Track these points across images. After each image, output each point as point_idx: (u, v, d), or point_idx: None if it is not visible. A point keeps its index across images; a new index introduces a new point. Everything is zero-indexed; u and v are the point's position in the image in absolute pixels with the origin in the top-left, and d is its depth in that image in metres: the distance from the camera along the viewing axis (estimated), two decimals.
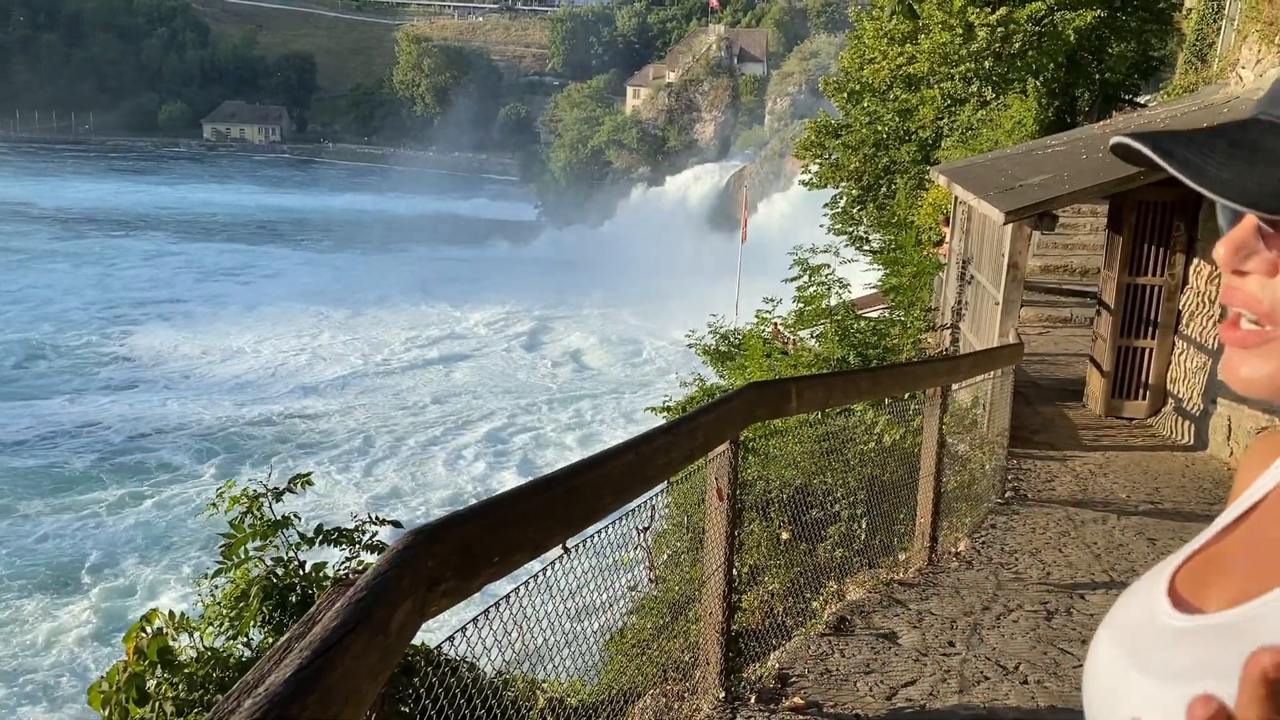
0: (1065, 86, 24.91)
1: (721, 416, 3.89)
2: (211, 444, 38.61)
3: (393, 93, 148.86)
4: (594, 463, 2.81)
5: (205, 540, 29.65)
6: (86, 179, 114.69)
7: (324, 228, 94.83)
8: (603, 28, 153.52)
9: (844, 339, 12.73)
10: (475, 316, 62.33)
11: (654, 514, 3.56)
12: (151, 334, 55.15)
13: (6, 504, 32.31)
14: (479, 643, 2.64)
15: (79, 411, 41.48)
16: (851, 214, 27.09)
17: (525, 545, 2.40)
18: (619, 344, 57.97)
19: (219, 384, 46.98)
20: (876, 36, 25.51)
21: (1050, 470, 9.70)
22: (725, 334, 18.32)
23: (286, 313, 60.07)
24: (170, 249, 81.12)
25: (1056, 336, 16.50)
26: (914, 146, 24.87)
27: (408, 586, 1.83)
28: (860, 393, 5.91)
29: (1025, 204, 9.62)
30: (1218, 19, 21.86)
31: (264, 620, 6.03)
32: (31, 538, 30.36)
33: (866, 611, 5.92)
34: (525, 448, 40.00)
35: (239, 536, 6.15)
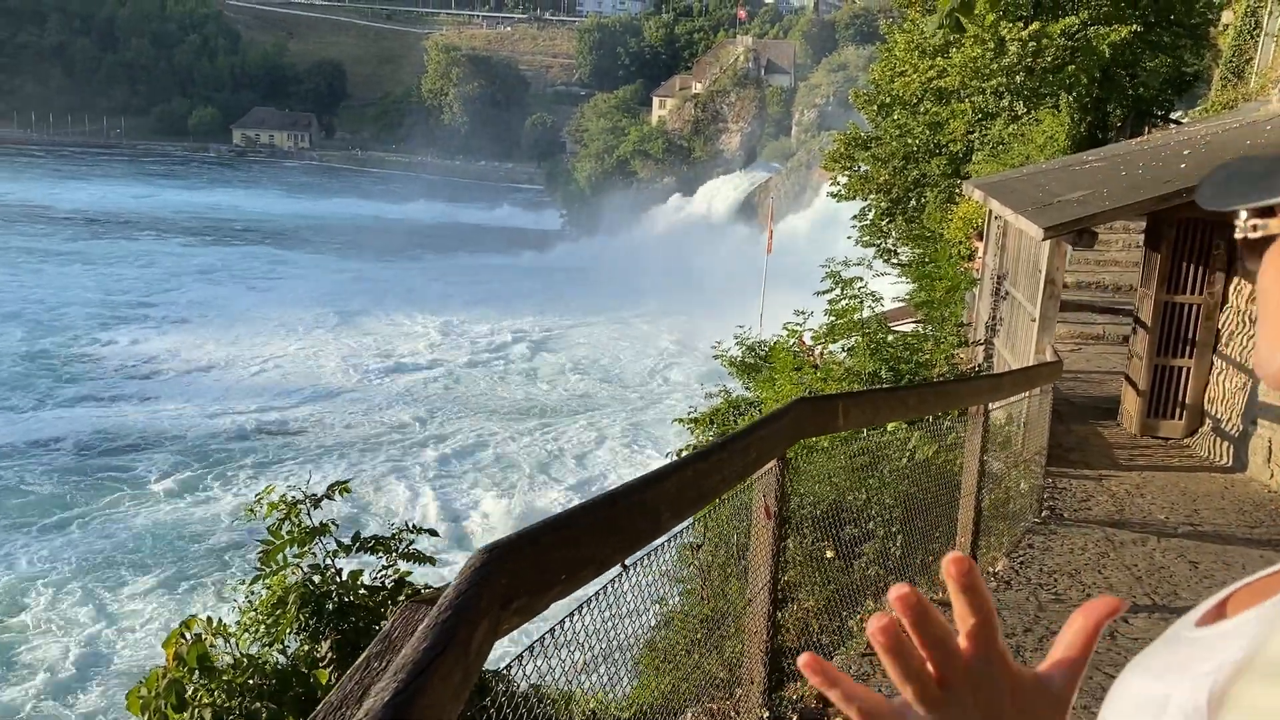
0: (1098, 102, 24.75)
1: (772, 433, 3.85)
2: (194, 453, 38.35)
3: (421, 101, 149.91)
4: (653, 479, 2.78)
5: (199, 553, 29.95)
6: (113, 182, 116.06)
7: (348, 234, 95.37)
8: (630, 38, 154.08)
9: (875, 353, 12.64)
10: (497, 324, 62.44)
11: (705, 532, 3.53)
12: (155, 336, 55.60)
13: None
14: (521, 659, 2.62)
15: (35, 425, 41.31)
16: (880, 226, 26.99)
17: (591, 563, 2.37)
18: (643, 354, 57.96)
19: (206, 389, 46.92)
20: (908, 49, 25.43)
21: (1086, 490, 9.59)
22: (752, 346, 18.26)
23: (298, 319, 60.27)
24: (185, 252, 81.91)
25: (1089, 353, 16.34)
26: (944, 160, 24.76)
27: (485, 605, 1.81)
28: (907, 410, 5.86)
29: (1065, 220, 9.54)
30: (1255, 35, 21.68)
31: (300, 628, 6.03)
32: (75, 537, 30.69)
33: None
34: (544, 458, 39.99)
35: (277, 543, 6.16)
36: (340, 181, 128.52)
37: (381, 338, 57.97)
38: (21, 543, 30.09)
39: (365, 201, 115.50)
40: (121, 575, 28.43)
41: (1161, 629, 3.58)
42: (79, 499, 33.62)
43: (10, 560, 28.97)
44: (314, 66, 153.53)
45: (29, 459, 36.73)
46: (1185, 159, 11.15)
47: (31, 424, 40.44)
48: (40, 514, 32.21)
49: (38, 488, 34.26)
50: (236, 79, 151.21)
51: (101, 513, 32.67)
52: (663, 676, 5.20)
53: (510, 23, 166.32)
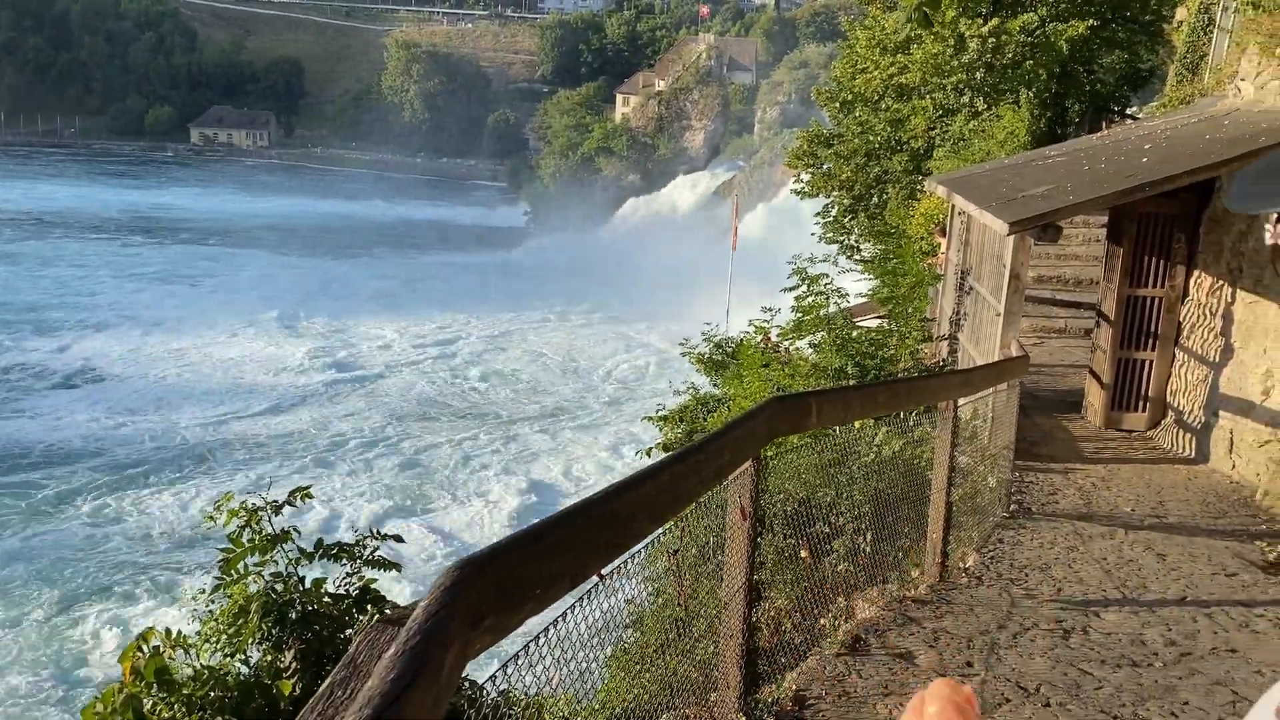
0: (1057, 97, 24.95)
1: (746, 433, 3.78)
2: (131, 462, 37.62)
3: (381, 99, 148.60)
4: (627, 486, 2.69)
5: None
6: (65, 182, 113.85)
7: (305, 234, 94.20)
8: (592, 35, 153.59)
9: (841, 349, 12.64)
10: (459, 325, 61.92)
11: (683, 537, 3.45)
12: (88, 339, 54.39)
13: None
14: (494, 678, 2.53)
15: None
16: (843, 223, 27.08)
17: (565, 575, 2.28)
18: (610, 352, 57.80)
19: (141, 394, 45.99)
20: (869, 46, 25.51)
21: (1053, 483, 9.62)
22: (719, 343, 18.24)
23: (244, 321, 59.17)
24: (137, 253, 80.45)
25: (1052, 347, 16.45)
26: (906, 156, 24.88)
27: (456, 627, 1.71)
28: (878, 407, 5.82)
29: (1029, 215, 9.56)
30: (1209, 30, 21.96)
31: (263, 637, 5.88)
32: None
33: (881, 630, 5.81)
34: (509, 461, 39.66)
35: (238, 551, 6.00)
36: (299, 180, 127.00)
37: (334, 340, 57.05)
38: None
39: (324, 200, 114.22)
40: (70, 590, 27.79)
41: (1132, 623, 3.55)
42: (12, 512, 32.89)
43: None
44: (272, 64, 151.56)
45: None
46: (1146, 153, 11.23)
47: None
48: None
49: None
50: (193, 77, 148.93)
51: (44, 525, 31.98)
52: (634, 679, 5.12)
53: (471, 19, 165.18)
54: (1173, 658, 5.60)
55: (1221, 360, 10.43)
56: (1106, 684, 5.21)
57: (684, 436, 15.83)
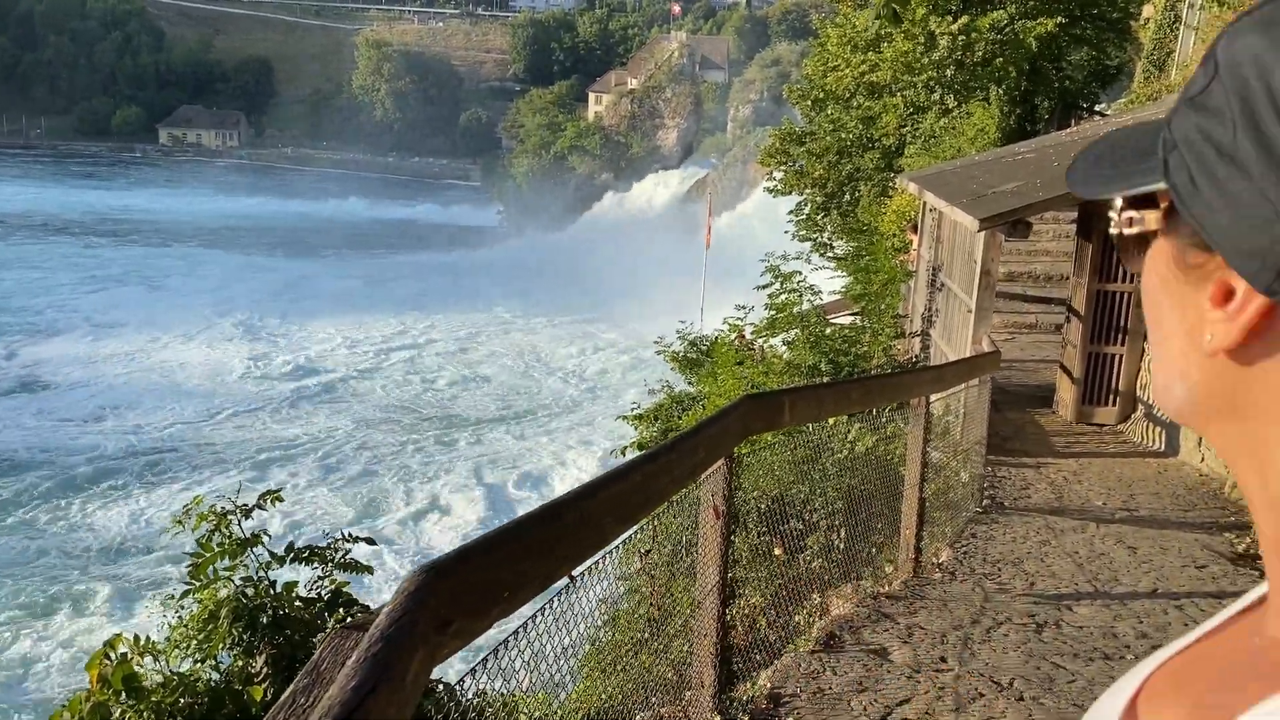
0: (1026, 94, 25.15)
1: (719, 432, 3.77)
2: (88, 467, 37.16)
3: (353, 98, 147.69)
4: (598, 486, 2.67)
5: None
6: (29, 183, 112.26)
7: (275, 234, 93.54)
8: (564, 34, 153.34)
9: (815, 346, 12.67)
10: (430, 325, 61.61)
11: (654, 537, 3.43)
12: (41, 343, 53.66)
13: None
14: (462, 682, 2.50)
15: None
16: (816, 221, 27.17)
17: (535, 578, 2.26)
18: (585, 350, 57.74)
19: (100, 398, 45.40)
20: (840, 44, 25.61)
21: (1025, 478, 9.68)
22: (694, 341, 18.24)
23: (205, 322, 58.63)
24: (96, 254, 79.46)
25: (1023, 342, 16.56)
26: (877, 154, 24.99)
27: (421, 631, 1.68)
28: (851, 404, 5.82)
29: (1000, 211, 9.62)
30: (1175, 28, 22.19)
31: (234, 642, 5.81)
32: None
33: (855, 626, 5.82)
34: (478, 461, 39.49)
35: (207, 556, 5.93)
36: (269, 180, 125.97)
37: (298, 342, 56.56)
38: None
39: (294, 200, 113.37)
40: (33, 596, 27.39)
41: (1104, 616, 3.55)
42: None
43: None
44: (242, 64, 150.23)
45: None
46: None
47: None
48: None
49: None
50: (161, 77, 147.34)
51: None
52: (608, 679, 5.09)
53: (442, 18, 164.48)
54: (1144, 650, 5.64)
55: None
56: (1079, 677, 5.24)
57: (659, 435, 15.81)
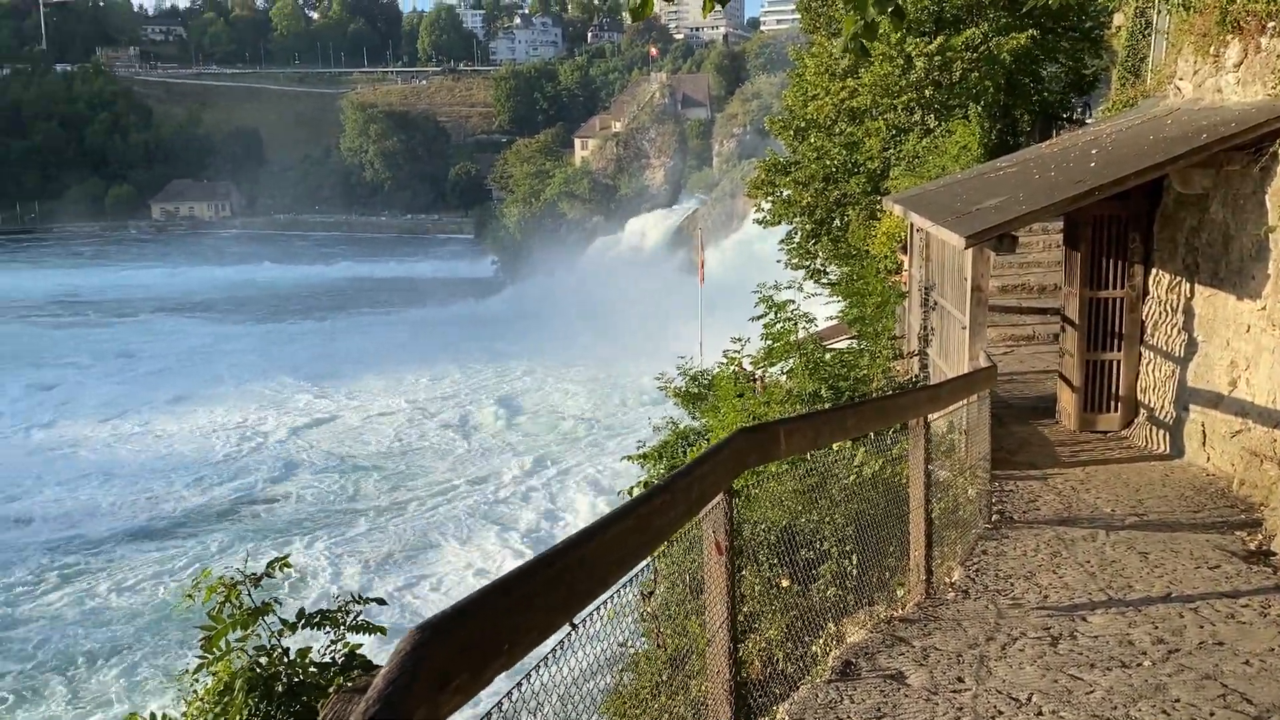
0: (1005, 109, 25.36)
1: (714, 467, 3.80)
2: (86, 539, 36.96)
3: (341, 160, 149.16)
4: (594, 532, 2.70)
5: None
6: (27, 268, 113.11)
7: (271, 300, 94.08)
8: (546, 83, 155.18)
9: (814, 373, 12.70)
10: (432, 380, 61.65)
11: (656, 578, 3.45)
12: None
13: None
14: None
15: None
16: (807, 248, 27.29)
17: (534, 629, 2.28)
18: (587, 393, 57.75)
19: (90, 472, 45.03)
20: (818, 73, 25.88)
21: (1033, 490, 9.67)
22: (695, 375, 18.29)
23: (206, 392, 58.59)
24: (91, 333, 79.69)
25: (1021, 354, 16.59)
26: (863, 178, 25.14)
27: (420, 690, 1.71)
28: (847, 431, 5.85)
29: (984, 227, 9.68)
30: (1147, 34, 22.42)
31: (250, 713, 5.80)
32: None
33: (870, 653, 5.80)
34: (486, 512, 39.33)
35: (219, 627, 5.93)
36: (265, 247, 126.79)
37: (301, 403, 56.70)
38: None
39: (288, 265, 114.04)
40: (47, 676, 27.24)
41: (1119, 624, 3.59)
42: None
43: None
44: (230, 135, 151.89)
45: None
46: (1094, 158, 11.43)
47: None
48: None
49: None
50: (151, 154, 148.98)
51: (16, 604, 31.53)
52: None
53: (425, 76, 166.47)
54: (1161, 655, 5.63)
55: (1186, 355, 10.56)
56: (1097, 687, 5.22)
57: (665, 473, 15.80)
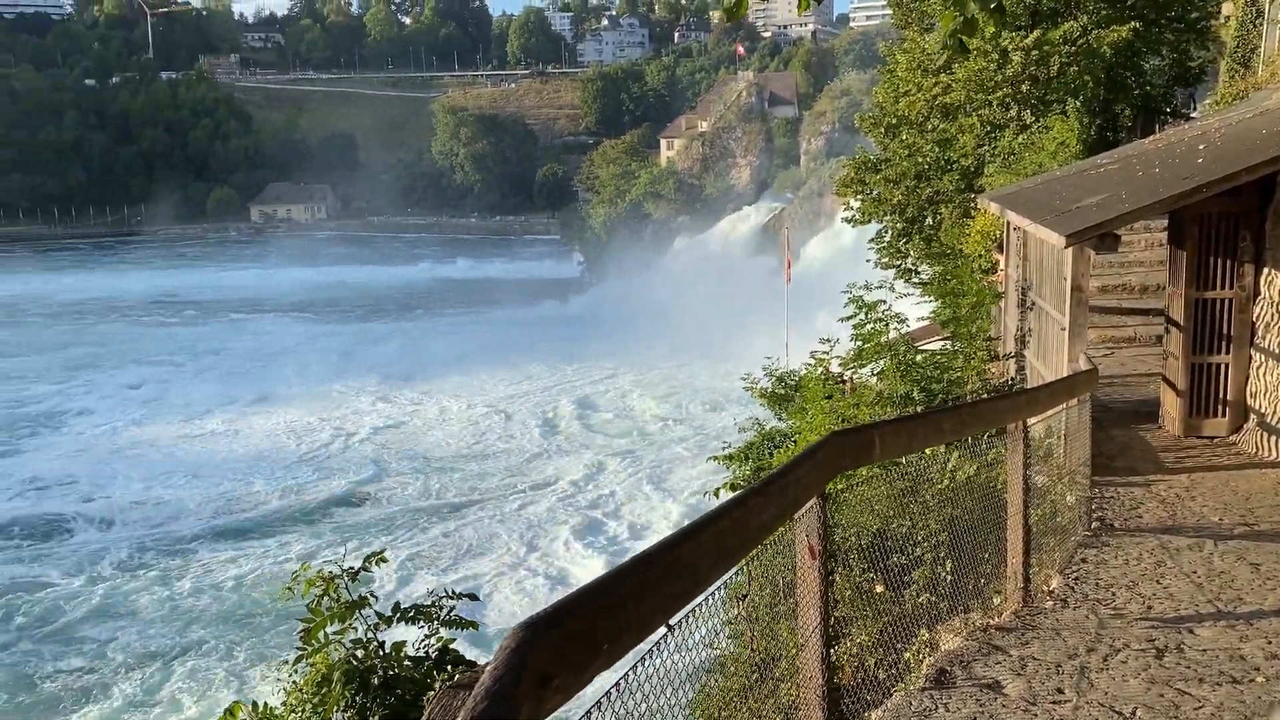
0: (1105, 104, 24.64)
1: (808, 471, 3.75)
2: (213, 530, 38.10)
3: (433, 163, 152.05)
4: (689, 533, 2.69)
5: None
6: (131, 269, 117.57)
7: (365, 301, 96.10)
8: (632, 84, 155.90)
9: (906, 374, 12.50)
10: (519, 379, 62.25)
11: (750, 581, 3.43)
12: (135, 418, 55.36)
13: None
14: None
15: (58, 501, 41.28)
16: (898, 247, 26.86)
17: (631, 629, 2.28)
18: (669, 394, 57.77)
19: (210, 464, 46.43)
20: (910, 69, 25.47)
21: (1135, 497, 9.36)
22: (781, 376, 18.17)
23: (297, 391, 59.72)
24: (192, 330, 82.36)
25: (1122, 357, 16.08)
26: (956, 175, 24.65)
27: (524, 689, 1.72)
28: (943, 434, 5.73)
29: (1085, 226, 9.41)
30: (1259, 23, 21.54)
31: (347, 705, 5.93)
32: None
33: (966, 661, 5.68)
34: (575, 512, 39.52)
35: (318, 620, 6.09)
36: (359, 249, 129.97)
37: (396, 402, 57.42)
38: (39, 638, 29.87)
39: (380, 266, 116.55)
40: (156, 661, 28.17)
41: (1229, 637, 3.45)
42: (114, 579, 33.63)
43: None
44: (326, 139, 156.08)
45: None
46: (1201, 153, 11.01)
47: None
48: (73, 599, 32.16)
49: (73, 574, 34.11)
50: (250, 158, 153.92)
51: (130, 595, 32.63)
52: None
53: (514, 79, 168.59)
54: (1275, 672, 5.39)
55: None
56: (1206, 703, 5.03)
57: (751, 474, 15.73)
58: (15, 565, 34.83)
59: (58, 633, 29.82)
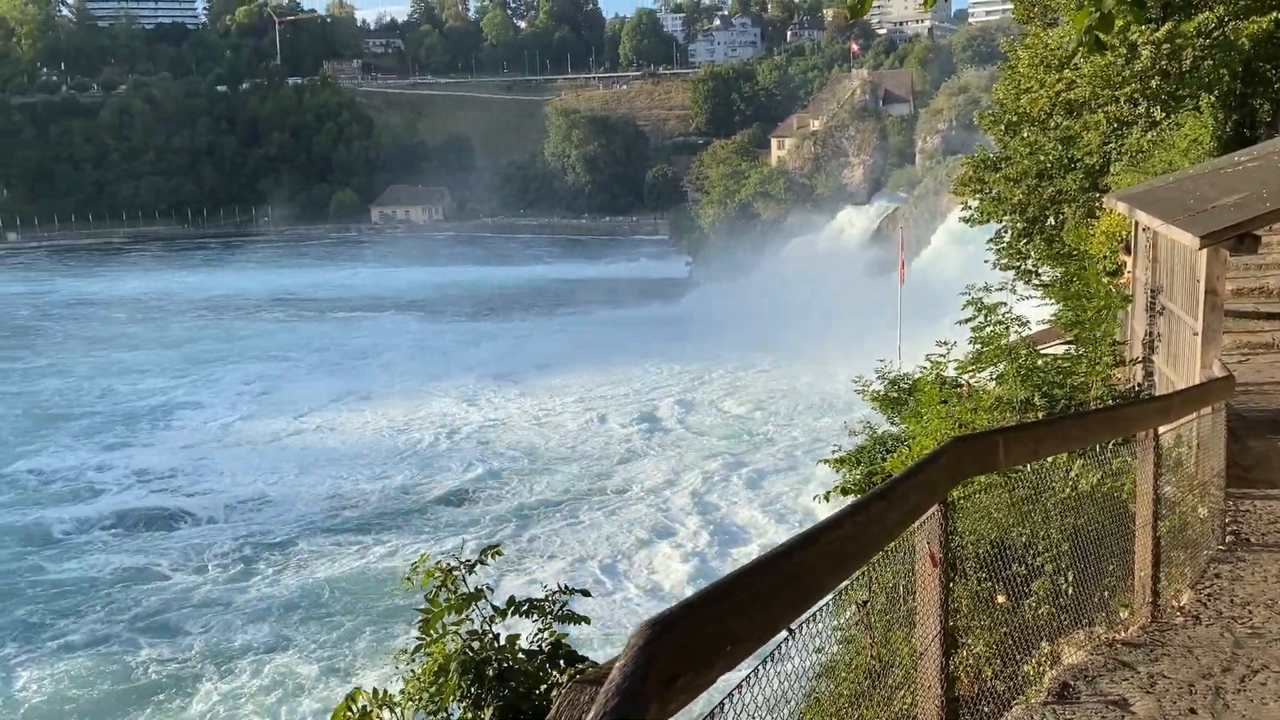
0: (1241, 99, 23.52)
1: (930, 477, 3.69)
2: (347, 521, 39.16)
3: (545, 165, 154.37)
4: (811, 538, 2.67)
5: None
6: (256, 268, 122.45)
7: (479, 300, 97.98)
8: (743, 83, 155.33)
9: (1026, 379, 12.15)
10: (629, 379, 62.51)
11: (871, 586, 3.39)
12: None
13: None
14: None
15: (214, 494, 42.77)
16: (1018, 248, 26.11)
17: (753, 632, 2.28)
18: (773, 396, 57.31)
19: (327, 457, 47.77)
20: (1032, 65, 24.76)
21: (1274, 511, 8.90)
22: (894, 379, 17.85)
23: (417, 388, 60.91)
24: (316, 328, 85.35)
25: (1259, 364, 15.28)
26: (1080, 174, 23.86)
27: (651, 688, 1.74)
28: (1071, 442, 5.56)
29: (1222, 226, 9.00)
30: None
31: (462, 695, 6.05)
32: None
33: (1090, 676, 5.49)
34: (685, 512, 39.49)
35: (436, 611, 6.23)
36: (473, 249, 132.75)
37: (488, 401, 58.11)
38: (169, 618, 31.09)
39: (494, 267, 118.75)
40: (253, 653, 28.94)
41: None
42: (248, 564, 34.94)
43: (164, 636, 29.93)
44: (444, 142, 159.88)
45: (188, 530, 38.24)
46: None
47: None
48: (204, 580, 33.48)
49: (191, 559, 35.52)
50: (371, 161, 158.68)
51: (260, 581, 33.80)
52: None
53: (626, 81, 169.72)
54: None
55: None
56: None
57: (862, 478, 15.51)
58: (123, 556, 36.14)
59: (162, 623, 30.76)
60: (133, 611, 31.40)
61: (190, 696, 26.63)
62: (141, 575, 34.35)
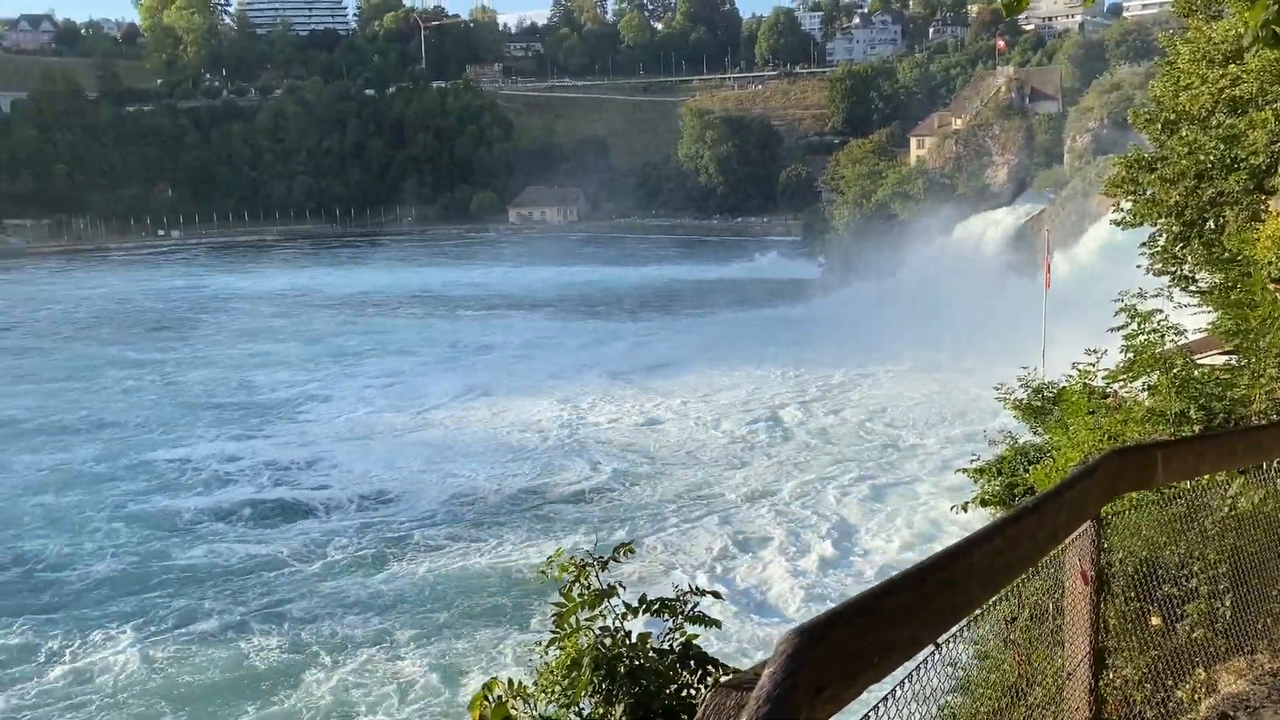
0: None
1: (1083, 491, 3.55)
2: (475, 515, 39.75)
3: (678, 166, 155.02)
4: (961, 551, 2.60)
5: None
6: (398, 266, 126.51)
7: (610, 299, 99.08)
8: (882, 82, 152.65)
9: (1181, 390, 11.57)
10: (758, 381, 62.08)
11: (1021, 603, 3.28)
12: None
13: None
14: None
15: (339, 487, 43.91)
16: (1174, 252, 24.84)
17: (900, 645, 2.23)
18: (916, 401, 56.00)
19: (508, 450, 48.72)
20: (1193, 60, 23.51)
21: None
22: (1038, 388, 17.27)
23: (555, 386, 61.63)
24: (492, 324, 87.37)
25: None
26: (1244, 175, 22.53)
27: (799, 697, 1.72)
28: (1235, 458, 5.26)
29: None
30: None
31: (594, 690, 6.13)
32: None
33: (1253, 706, 5.19)
34: (817, 519, 38.86)
35: (569, 605, 6.33)
36: (606, 249, 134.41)
37: (608, 401, 58.24)
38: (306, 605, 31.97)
39: (627, 267, 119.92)
40: (379, 638, 29.45)
41: None
42: (381, 554, 36.05)
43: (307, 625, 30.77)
44: (580, 144, 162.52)
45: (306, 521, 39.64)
46: None
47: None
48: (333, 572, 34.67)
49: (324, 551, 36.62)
50: (510, 163, 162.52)
51: (399, 571, 34.77)
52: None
53: (761, 81, 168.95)
54: None
55: None
56: None
57: (1002, 490, 15.05)
58: (247, 545, 37.20)
59: (280, 613, 31.39)
60: (252, 600, 32.29)
61: (296, 687, 26.98)
62: (264, 565, 35.21)
